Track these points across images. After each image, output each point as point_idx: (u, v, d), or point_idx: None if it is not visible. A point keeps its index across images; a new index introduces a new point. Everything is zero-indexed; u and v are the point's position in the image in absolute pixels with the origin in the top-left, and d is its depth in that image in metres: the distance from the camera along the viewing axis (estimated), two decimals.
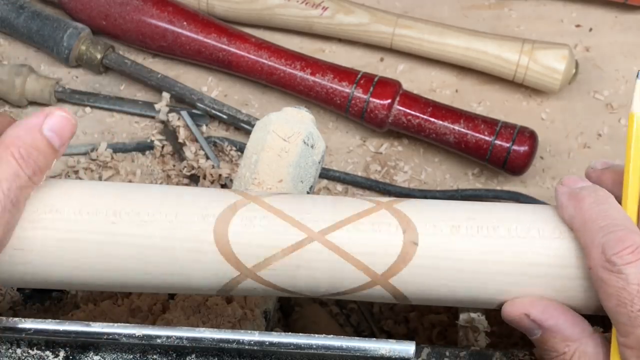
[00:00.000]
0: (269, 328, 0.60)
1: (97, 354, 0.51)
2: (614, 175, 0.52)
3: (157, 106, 0.85)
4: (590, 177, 0.53)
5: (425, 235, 0.49)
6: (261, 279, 0.50)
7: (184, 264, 0.50)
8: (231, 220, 0.50)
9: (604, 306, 0.46)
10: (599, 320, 0.50)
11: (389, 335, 0.76)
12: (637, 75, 0.50)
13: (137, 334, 0.50)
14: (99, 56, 0.86)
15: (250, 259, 0.50)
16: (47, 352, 0.52)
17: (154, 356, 0.51)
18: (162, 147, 0.84)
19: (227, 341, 0.50)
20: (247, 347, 0.50)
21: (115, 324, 0.50)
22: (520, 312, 0.49)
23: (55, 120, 0.50)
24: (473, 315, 0.58)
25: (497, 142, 0.78)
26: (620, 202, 0.49)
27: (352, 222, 0.50)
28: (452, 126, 0.79)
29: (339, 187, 0.83)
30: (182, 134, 0.83)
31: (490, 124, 0.79)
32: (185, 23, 0.84)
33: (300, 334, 0.50)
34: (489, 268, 0.49)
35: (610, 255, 0.45)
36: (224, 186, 0.81)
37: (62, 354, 0.52)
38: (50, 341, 0.51)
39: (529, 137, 0.78)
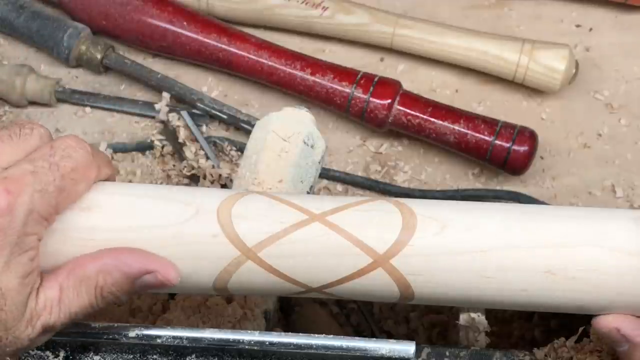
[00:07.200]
0: (269, 328, 0.60)
1: (97, 354, 0.52)
2: None
3: (157, 106, 0.85)
4: None
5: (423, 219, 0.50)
6: (261, 260, 0.50)
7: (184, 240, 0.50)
8: (235, 202, 0.50)
9: None
10: None
11: (389, 335, 0.76)
12: None
13: (137, 334, 0.50)
14: (99, 56, 0.86)
15: (252, 238, 0.49)
16: (47, 352, 0.52)
17: (154, 356, 0.51)
18: (162, 147, 0.84)
19: (227, 341, 0.50)
20: (247, 347, 0.50)
21: (115, 324, 0.51)
22: (612, 326, 0.50)
23: (154, 281, 0.48)
24: (473, 315, 0.57)
25: (497, 142, 0.78)
26: None
27: (351, 207, 0.50)
28: (452, 126, 0.79)
29: (339, 187, 0.83)
30: (182, 134, 0.83)
31: (490, 124, 0.79)
32: (185, 23, 0.84)
33: (300, 334, 0.50)
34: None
35: None
36: (224, 186, 0.81)
37: (62, 354, 0.52)
38: (50, 341, 0.51)
39: (529, 137, 0.78)
